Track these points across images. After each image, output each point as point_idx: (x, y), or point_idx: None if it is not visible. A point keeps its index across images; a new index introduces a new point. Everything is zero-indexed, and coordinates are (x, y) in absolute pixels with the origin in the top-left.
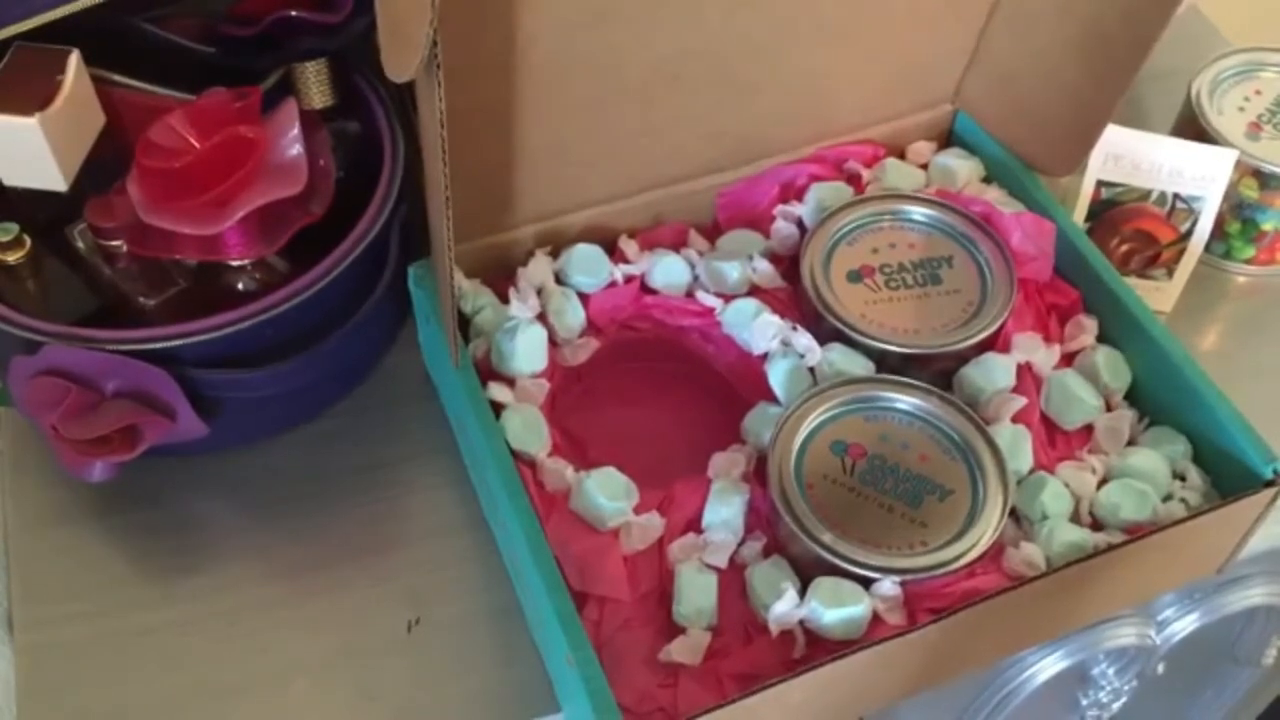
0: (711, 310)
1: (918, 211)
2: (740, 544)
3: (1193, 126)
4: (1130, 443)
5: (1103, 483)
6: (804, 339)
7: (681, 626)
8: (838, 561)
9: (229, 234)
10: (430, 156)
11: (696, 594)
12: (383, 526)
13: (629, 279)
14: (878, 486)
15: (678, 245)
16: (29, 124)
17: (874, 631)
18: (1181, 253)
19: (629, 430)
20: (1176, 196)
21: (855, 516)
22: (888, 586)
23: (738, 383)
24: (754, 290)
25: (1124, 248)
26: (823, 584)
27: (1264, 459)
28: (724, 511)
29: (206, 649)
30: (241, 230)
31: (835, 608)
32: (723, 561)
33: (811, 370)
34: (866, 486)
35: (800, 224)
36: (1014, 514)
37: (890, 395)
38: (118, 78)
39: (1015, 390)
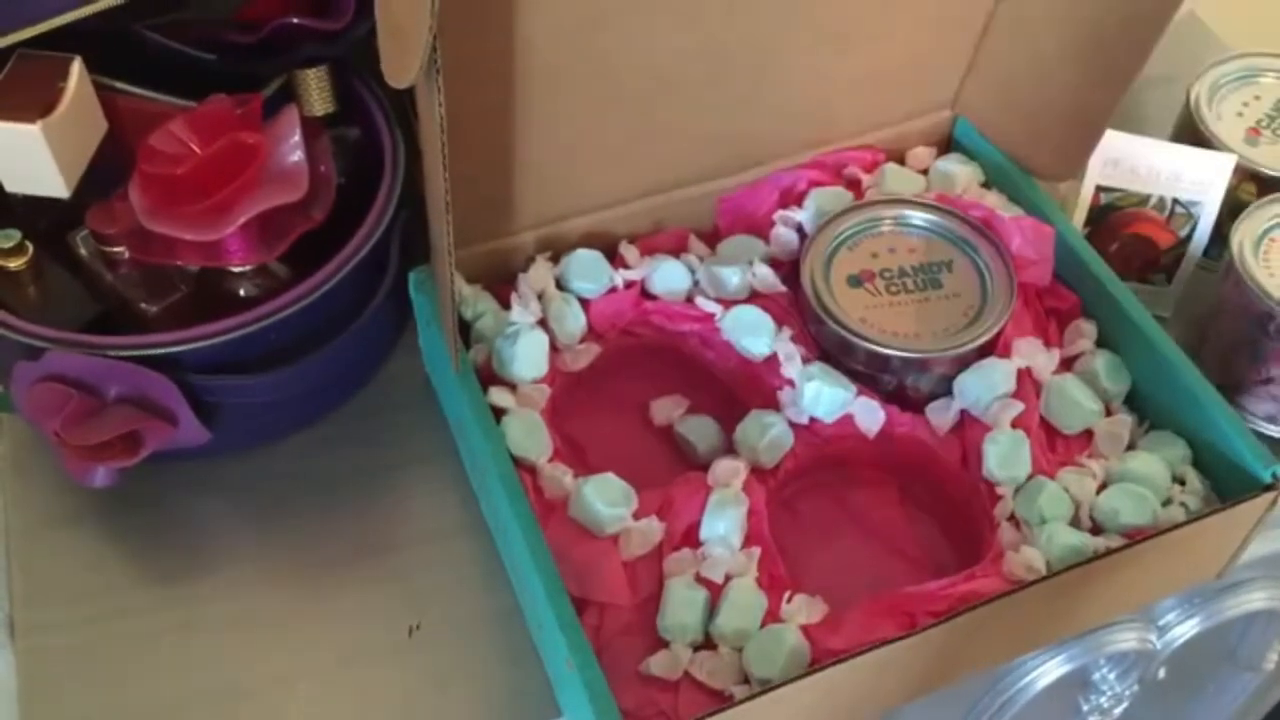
0: (711, 316)
1: (918, 216)
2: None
3: (1192, 132)
4: (1130, 447)
5: (1102, 487)
6: (794, 350)
7: (665, 640)
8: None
9: (230, 240)
10: (430, 162)
11: (681, 609)
12: (384, 531)
13: (629, 284)
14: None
15: (678, 251)
16: (31, 131)
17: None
18: (1180, 257)
19: (630, 436)
20: (1175, 201)
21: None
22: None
23: (738, 388)
24: (754, 296)
25: (1123, 252)
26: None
27: (1263, 463)
28: (720, 526)
29: (208, 653)
30: (243, 236)
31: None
32: (718, 576)
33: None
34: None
35: (800, 229)
36: (1013, 518)
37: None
38: (120, 85)
39: (1015, 395)
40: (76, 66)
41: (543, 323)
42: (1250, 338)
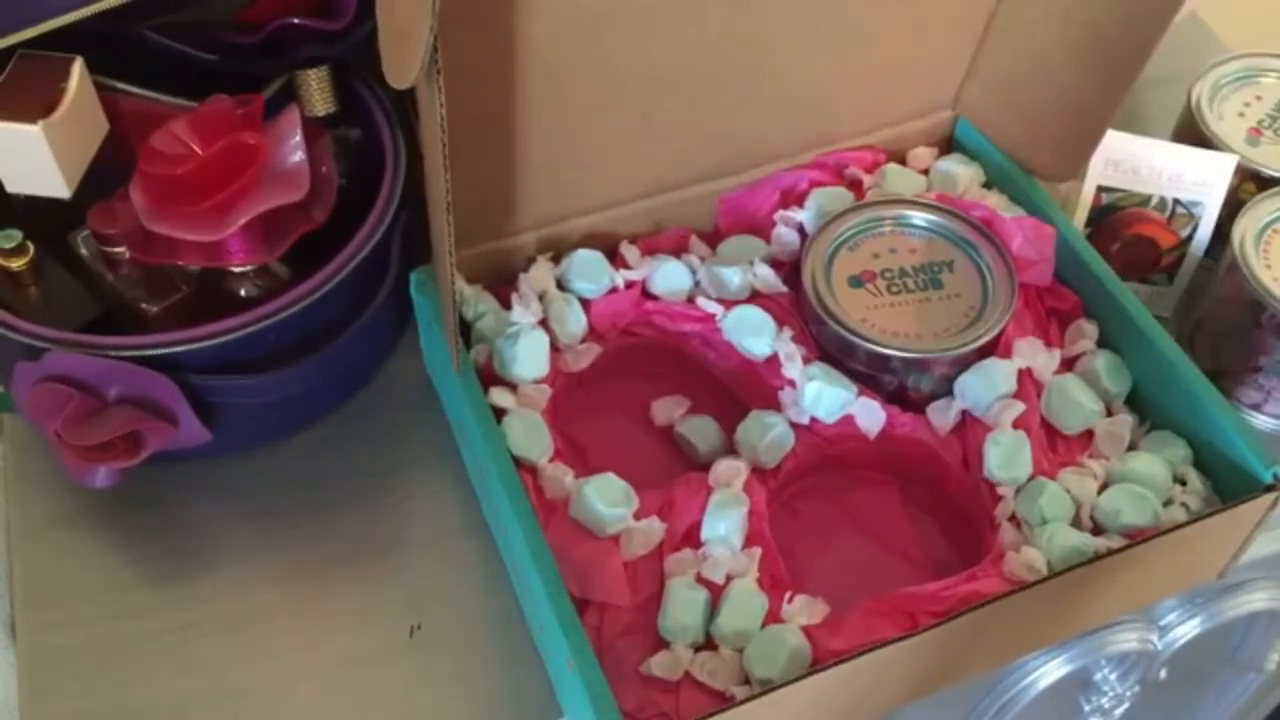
0: (712, 316)
1: (919, 216)
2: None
3: (1193, 132)
4: (1131, 447)
5: (1103, 487)
6: (795, 351)
7: (665, 640)
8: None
9: (231, 240)
10: (431, 163)
11: (682, 610)
12: (384, 532)
13: (630, 285)
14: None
15: (679, 251)
16: (32, 131)
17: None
18: (1182, 258)
19: (631, 436)
20: (1176, 202)
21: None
22: None
23: (739, 389)
24: (755, 296)
25: (1124, 253)
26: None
27: (1264, 463)
28: (721, 526)
29: (209, 654)
30: (244, 236)
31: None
32: (719, 577)
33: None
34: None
35: (801, 230)
36: (1014, 519)
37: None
38: (121, 85)
39: (1016, 395)
40: (78, 67)
41: (544, 323)
42: (1242, 327)
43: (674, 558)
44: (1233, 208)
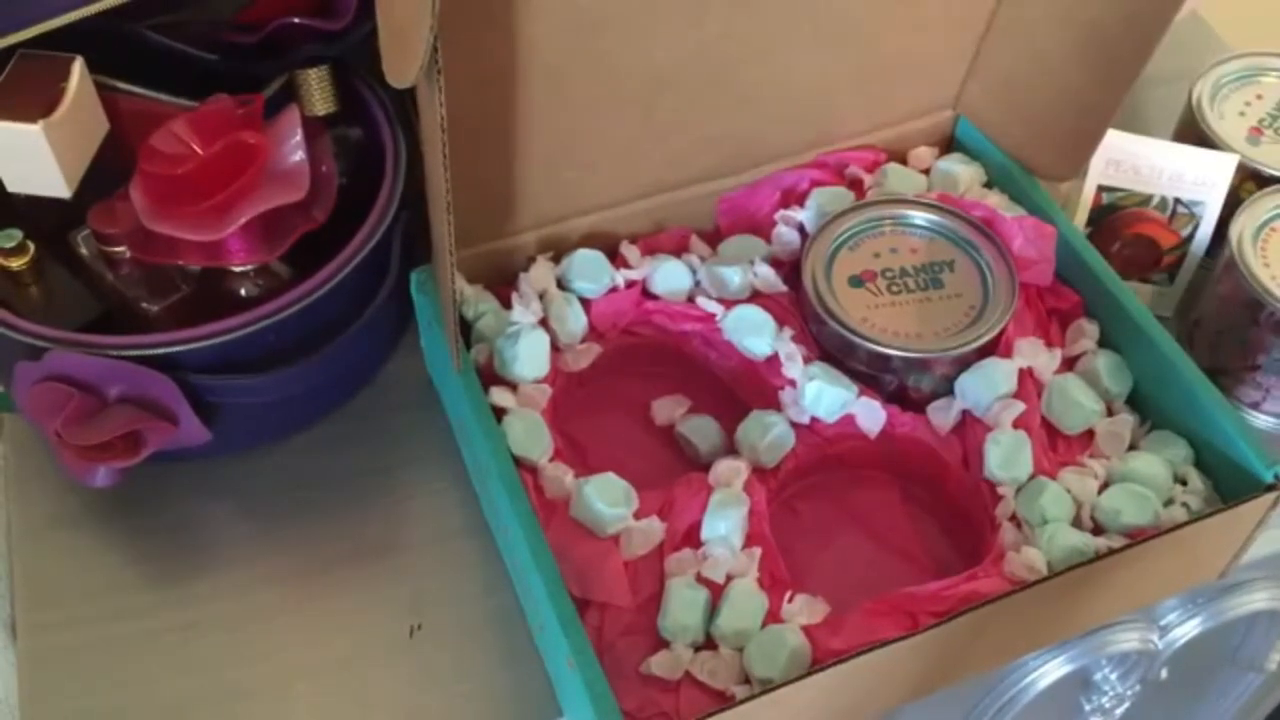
0: (713, 316)
1: (919, 216)
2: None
3: (1194, 132)
4: (1131, 447)
5: (1104, 487)
6: (795, 350)
7: (665, 640)
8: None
9: (231, 240)
10: (431, 162)
11: (682, 610)
12: (384, 531)
13: (630, 284)
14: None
15: (679, 251)
16: (32, 131)
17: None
18: (1183, 257)
19: (631, 436)
20: (1177, 201)
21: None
22: None
23: (739, 388)
24: (756, 295)
25: (1125, 252)
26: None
27: (1265, 463)
28: (722, 526)
29: (209, 654)
30: (244, 236)
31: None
32: (719, 576)
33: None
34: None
35: (801, 229)
36: (1015, 518)
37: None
38: (121, 84)
39: (1016, 395)
40: (78, 66)
41: (544, 322)
42: (1240, 325)
43: (674, 557)
44: (1234, 207)
